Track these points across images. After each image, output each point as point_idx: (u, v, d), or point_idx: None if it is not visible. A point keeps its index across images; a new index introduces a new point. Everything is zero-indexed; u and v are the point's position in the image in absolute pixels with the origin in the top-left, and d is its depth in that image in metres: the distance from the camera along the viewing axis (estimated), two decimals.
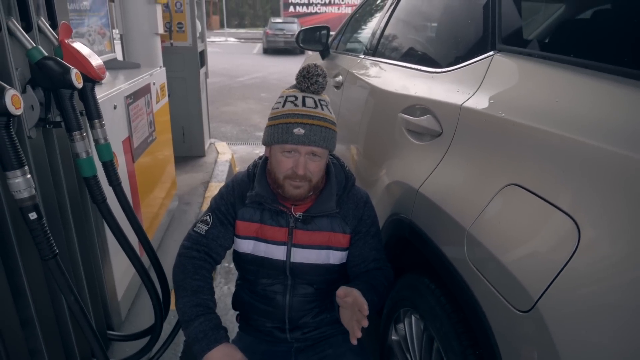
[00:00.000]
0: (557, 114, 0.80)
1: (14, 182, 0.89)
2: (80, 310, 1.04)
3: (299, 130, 1.13)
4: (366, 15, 2.57)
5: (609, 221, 0.65)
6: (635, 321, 0.60)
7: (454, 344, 1.01)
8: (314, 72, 1.16)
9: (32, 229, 0.93)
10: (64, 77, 1.08)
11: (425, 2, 1.74)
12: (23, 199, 0.91)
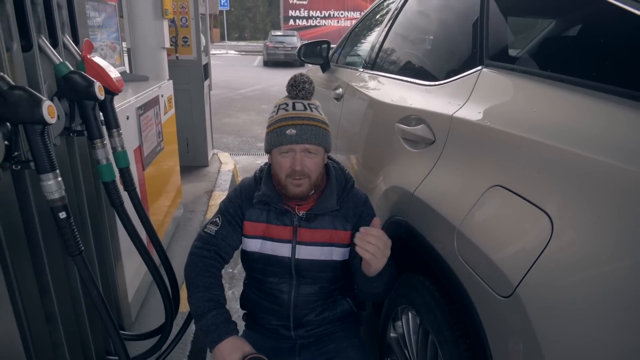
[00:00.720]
0: (534, 122, 0.90)
1: (46, 184, 0.98)
2: (102, 304, 1.13)
3: (291, 131, 1.23)
4: (365, 30, 2.69)
5: (577, 215, 0.75)
6: (603, 304, 0.69)
7: (446, 334, 1.10)
8: (300, 80, 1.29)
9: (61, 227, 1.03)
10: (89, 89, 1.18)
11: (420, 20, 1.86)
12: (54, 199, 1.00)
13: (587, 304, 0.70)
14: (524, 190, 0.86)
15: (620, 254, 0.68)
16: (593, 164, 0.75)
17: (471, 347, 1.04)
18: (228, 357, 1.19)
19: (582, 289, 0.71)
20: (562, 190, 0.78)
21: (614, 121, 0.77)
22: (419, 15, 1.89)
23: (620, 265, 0.68)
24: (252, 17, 36.44)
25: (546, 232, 0.77)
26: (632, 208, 0.67)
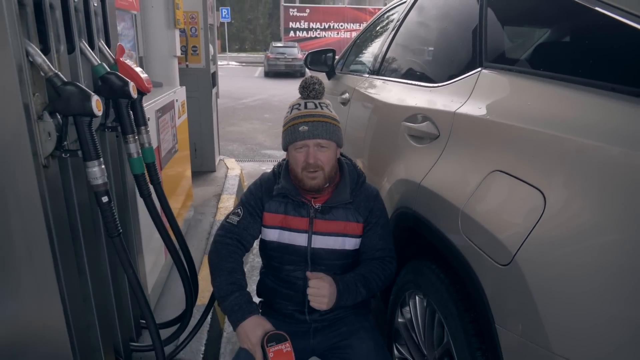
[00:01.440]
0: (528, 114, 1.02)
1: (91, 171, 1.09)
2: (136, 282, 1.23)
3: (304, 127, 1.35)
4: (369, 39, 2.83)
5: (567, 192, 0.86)
6: (592, 268, 0.79)
7: (452, 310, 1.20)
8: (310, 82, 1.42)
9: (103, 210, 1.13)
10: (124, 89, 1.30)
11: (422, 28, 1.99)
12: (98, 184, 1.11)
13: (577, 268, 0.81)
14: (520, 172, 0.97)
15: (604, 223, 0.79)
16: (579, 146, 0.86)
17: (475, 319, 1.14)
18: (251, 334, 1.29)
19: (573, 255, 0.82)
20: (553, 170, 0.90)
21: (596, 109, 0.88)
22: (422, 24, 2.02)
23: (605, 234, 0.78)
24: (253, 29, 36.87)
25: (540, 206, 0.88)
26: (613, 183, 0.79)
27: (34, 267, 1.08)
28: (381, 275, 1.46)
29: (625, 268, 0.74)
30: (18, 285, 1.08)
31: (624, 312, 0.73)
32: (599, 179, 0.81)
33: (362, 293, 1.41)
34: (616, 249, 0.76)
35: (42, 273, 1.09)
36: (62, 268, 1.13)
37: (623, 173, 0.77)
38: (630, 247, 0.74)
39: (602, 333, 0.75)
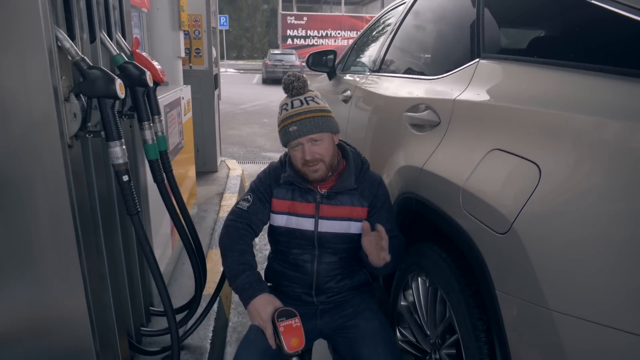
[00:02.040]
0: (524, 96, 1.09)
1: (113, 150, 1.16)
2: (153, 259, 1.29)
3: (293, 128, 1.41)
4: (368, 41, 2.91)
5: (559, 164, 0.93)
6: (582, 231, 0.86)
7: (454, 286, 1.27)
8: (288, 81, 1.46)
9: (123, 188, 1.20)
10: (141, 77, 1.37)
11: (422, 26, 2.07)
12: (119, 164, 1.18)
13: (571, 232, 0.88)
14: (517, 149, 1.04)
15: (594, 189, 0.86)
16: (570, 120, 0.93)
17: (476, 292, 1.20)
18: (262, 310, 1.35)
19: (567, 220, 0.89)
20: (547, 144, 0.97)
21: (582, 87, 0.96)
22: (421, 23, 2.11)
23: (595, 198, 0.86)
24: (250, 37, 37.11)
25: (535, 178, 0.95)
26: (601, 152, 0.86)
27: (57, 244, 1.14)
28: (399, 247, 1.51)
29: (614, 228, 0.81)
30: (43, 262, 1.13)
31: (613, 267, 0.80)
32: (589, 149, 0.88)
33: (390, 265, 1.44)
34: (605, 212, 0.83)
35: (65, 250, 1.15)
36: (83, 246, 1.19)
37: (610, 143, 0.85)
38: (618, 209, 0.81)
39: (593, 287, 0.82)
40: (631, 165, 0.79)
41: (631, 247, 0.77)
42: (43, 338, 1.20)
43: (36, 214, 1.10)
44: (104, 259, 1.38)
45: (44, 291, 1.16)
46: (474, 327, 1.17)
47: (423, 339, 1.58)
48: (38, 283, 1.15)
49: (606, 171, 0.84)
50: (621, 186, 0.81)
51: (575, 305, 0.83)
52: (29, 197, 1.08)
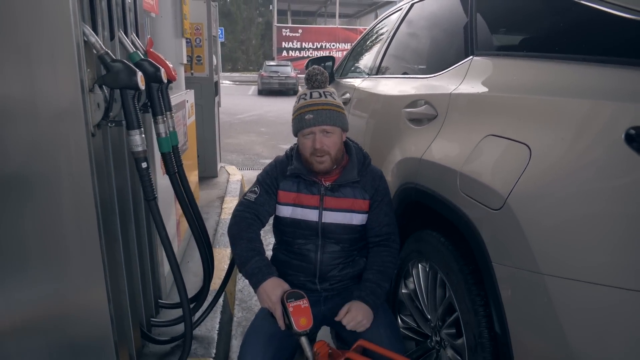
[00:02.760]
0: (515, 85, 1.19)
1: (133, 138, 1.24)
2: (168, 244, 1.37)
3: (309, 116, 1.49)
4: (365, 47, 3.03)
5: (547, 144, 1.02)
6: (570, 201, 0.95)
7: (453, 266, 1.35)
8: (312, 73, 1.56)
9: (142, 175, 1.27)
10: (156, 74, 1.45)
11: (417, 30, 2.18)
12: (138, 151, 1.25)
13: (560, 202, 0.96)
14: (509, 133, 1.14)
15: (580, 164, 0.95)
16: (556, 103, 1.03)
17: (473, 271, 1.28)
18: (271, 293, 1.42)
19: (557, 192, 0.97)
20: (535, 126, 1.07)
21: (567, 75, 1.06)
22: (416, 27, 2.22)
23: (580, 171, 0.94)
24: (245, 49, 37.45)
25: (526, 157, 1.04)
26: (585, 131, 0.95)
27: (80, 229, 1.20)
28: (392, 260, 1.58)
29: (597, 196, 0.90)
30: (66, 251, 1.19)
31: (596, 230, 0.89)
32: (574, 128, 0.97)
33: (385, 287, 1.54)
34: (589, 183, 0.92)
35: (88, 233, 1.21)
36: (103, 233, 1.25)
37: (592, 122, 0.94)
38: (600, 180, 0.90)
39: (580, 249, 0.91)
40: (609, 140, 0.88)
41: (612, 210, 0.86)
42: (65, 328, 1.26)
43: (61, 202, 1.17)
44: (119, 246, 1.44)
45: (67, 279, 1.22)
46: (473, 303, 1.24)
47: (424, 323, 1.65)
48: (62, 271, 1.21)
49: (589, 146, 0.93)
50: (603, 159, 0.90)
51: (563, 267, 0.92)
52: (56, 185, 1.15)
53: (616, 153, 0.86)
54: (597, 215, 0.89)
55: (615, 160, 0.86)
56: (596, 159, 0.91)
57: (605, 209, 0.88)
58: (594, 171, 0.91)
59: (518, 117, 1.13)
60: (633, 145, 0.83)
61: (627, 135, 0.84)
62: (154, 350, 1.79)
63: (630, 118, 0.85)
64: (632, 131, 0.84)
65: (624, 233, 0.85)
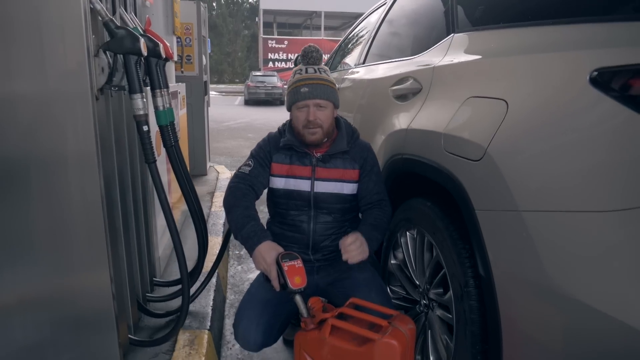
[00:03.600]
0: (492, 51, 1.30)
1: (135, 101, 1.30)
2: (168, 208, 1.42)
3: (305, 89, 1.58)
4: (352, 42, 3.14)
5: (522, 97, 1.12)
6: (544, 144, 1.04)
7: (439, 225, 1.42)
8: (308, 50, 1.65)
9: (142, 137, 1.34)
10: (155, 49, 1.52)
11: (402, 20, 2.30)
12: (140, 115, 1.32)
13: (536, 146, 1.05)
14: (489, 92, 1.23)
15: (552, 108, 1.04)
16: (528, 61, 1.13)
17: (458, 227, 1.37)
18: (266, 255, 1.48)
19: (533, 137, 1.06)
20: (512, 83, 1.17)
21: (535, 36, 1.18)
22: (401, 16, 2.33)
23: (553, 117, 1.04)
24: (231, 61, 37.62)
25: (503, 110, 1.14)
26: (555, 83, 1.05)
27: (84, 190, 1.25)
28: (384, 217, 1.66)
29: (568, 136, 1.00)
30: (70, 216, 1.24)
31: (570, 164, 0.98)
32: (545, 79, 1.08)
33: (378, 237, 1.61)
34: (561, 123, 1.01)
35: (91, 190, 1.26)
36: (104, 189, 1.30)
37: (559, 72, 1.05)
38: (571, 119, 1.00)
39: (555, 184, 1.00)
40: (576, 85, 0.98)
41: (583, 143, 0.96)
42: (68, 303, 1.31)
43: (65, 160, 1.22)
44: (118, 213, 1.49)
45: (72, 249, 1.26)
46: (458, 255, 1.32)
47: (413, 289, 1.72)
48: (67, 243, 1.25)
49: (559, 93, 1.03)
50: (572, 101, 1.00)
51: (539, 201, 1.01)
52: (61, 140, 1.20)
53: (583, 94, 0.96)
54: (569, 150, 0.98)
55: (583, 101, 0.96)
56: (566, 102, 1.01)
57: (576, 143, 0.97)
58: (565, 112, 1.00)
59: (496, 77, 1.23)
60: (597, 85, 0.93)
61: (590, 78, 0.94)
62: (149, 323, 1.82)
63: (592, 63, 0.95)
64: (595, 73, 0.93)
65: (592, 164, 0.94)
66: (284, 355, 1.95)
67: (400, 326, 1.27)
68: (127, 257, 1.57)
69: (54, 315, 1.31)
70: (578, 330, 0.94)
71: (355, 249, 1.51)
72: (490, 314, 1.17)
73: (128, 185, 1.63)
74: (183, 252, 1.52)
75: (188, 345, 1.69)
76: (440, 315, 1.51)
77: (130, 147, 1.70)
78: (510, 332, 1.10)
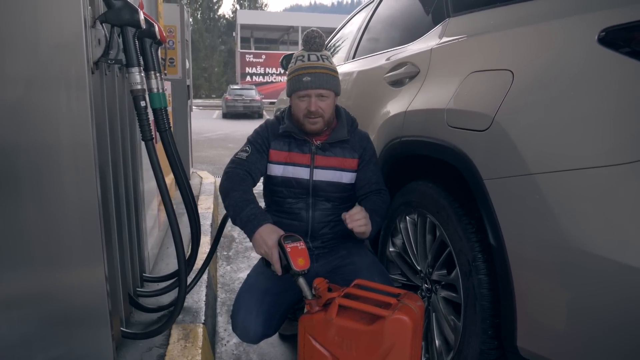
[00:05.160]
0: (492, 27, 1.32)
1: (133, 75, 1.25)
2: (164, 188, 1.36)
3: (307, 78, 1.54)
4: (339, 42, 3.17)
5: (528, 65, 1.13)
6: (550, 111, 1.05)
7: (443, 203, 1.42)
8: (312, 35, 1.61)
9: (140, 114, 1.29)
10: (150, 29, 1.48)
11: (394, 11, 2.33)
12: (137, 89, 1.27)
13: (543, 113, 1.06)
14: (492, 65, 1.24)
15: (561, 70, 1.05)
16: (534, 30, 1.15)
17: (463, 203, 1.36)
18: (267, 238, 1.43)
19: (541, 101, 1.07)
20: (517, 54, 1.18)
21: (539, 7, 1.20)
22: (393, 8, 2.36)
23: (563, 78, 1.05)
24: (208, 77, 37.50)
25: (509, 80, 1.15)
26: (560, 44, 1.07)
27: (77, 164, 1.19)
28: (383, 204, 1.64)
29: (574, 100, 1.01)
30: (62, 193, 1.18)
31: (582, 123, 0.99)
32: (553, 45, 1.09)
33: (377, 221, 1.57)
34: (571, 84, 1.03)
35: (84, 168, 1.20)
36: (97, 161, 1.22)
37: (566, 35, 1.06)
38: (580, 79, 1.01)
39: (564, 143, 1.00)
40: (585, 46, 1.00)
41: (592, 103, 0.97)
42: (60, 299, 1.24)
43: (58, 134, 1.16)
44: (110, 197, 1.42)
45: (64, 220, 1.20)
46: (464, 231, 1.31)
47: (413, 275, 1.70)
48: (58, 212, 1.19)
49: (568, 54, 1.05)
50: (581, 62, 1.01)
51: (551, 162, 1.01)
52: (55, 111, 1.14)
53: (592, 54, 0.97)
54: (579, 109, 0.99)
55: (593, 60, 0.98)
56: (574, 64, 1.02)
57: (586, 102, 0.98)
58: (573, 74, 1.02)
59: (499, 50, 1.25)
60: (606, 44, 0.94)
61: (599, 38, 0.96)
62: (140, 319, 1.74)
63: (598, 24, 0.97)
64: (603, 33, 0.95)
65: (604, 119, 0.95)
66: (280, 350, 1.89)
67: (409, 303, 1.25)
68: (119, 250, 1.51)
69: (45, 310, 1.24)
70: (598, 285, 0.93)
71: (361, 218, 1.46)
72: (502, 285, 1.16)
73: (120, 175, 1.57)
74: (180, 236, 1.46)
75: (183, 339, 1.61)
76: (446, 296, 1.48)
77: (123, 135, 1.64)
78: (524, 300, 1.09)
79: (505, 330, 1.16)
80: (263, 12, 35.52)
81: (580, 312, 0.98)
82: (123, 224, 1.60)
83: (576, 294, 0.98)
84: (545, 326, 1.05)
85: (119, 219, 1.53)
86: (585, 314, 0.97)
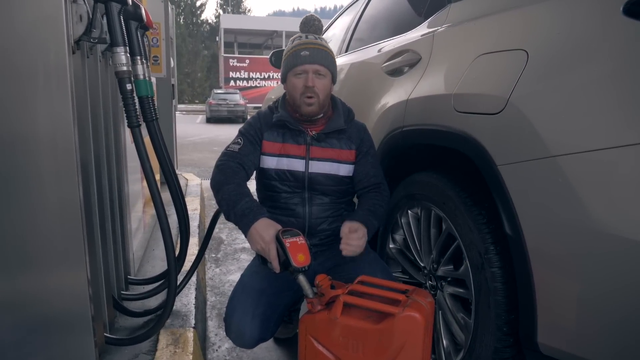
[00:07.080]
0: (498, 8, 1.26)
1: (117, 55, 1.15)
2: (152, 177, 1.26)
3: (305, 52, 1.48)
4: (332, 33, 3.09)
5: (541, 50, 1.07)
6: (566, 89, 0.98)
7: (450, 194, 1.34)
8: (310, 19, 1.57)
9: (125, 98, 1.18)
10: (136, 10, 1.37)
11: (390, 2, 2.27)
12: (122, 71, 1.17)
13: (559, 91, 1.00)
14: (504, 46, 1.18)
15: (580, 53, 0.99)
16: (550, 7, 1.09)
17: (471, 193, 1.29)
18: (264, 233, 1.33)
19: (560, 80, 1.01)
20: (532, 32, 1.12)
21: None
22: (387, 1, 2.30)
23: (576, 62, 0.99)
24: (191, 82, 37.11)
25: (524, 59, 1.08)
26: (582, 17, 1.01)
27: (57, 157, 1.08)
28: (382, 203, 1.55)
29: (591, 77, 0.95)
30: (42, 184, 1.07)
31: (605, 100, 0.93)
32: (573, 25, 1.03)
33: (374, 225, 1.49)
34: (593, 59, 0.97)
35: (65, 159, 1.09)
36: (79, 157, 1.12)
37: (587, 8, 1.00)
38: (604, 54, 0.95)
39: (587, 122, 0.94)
40: (610, 19, 0.94)
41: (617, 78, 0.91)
42: (40, 304, 1.14)
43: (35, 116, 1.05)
44: (93, 190, 1.31)
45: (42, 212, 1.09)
46: (475, 222, 1.24)
47: (416, 272, 1.62)
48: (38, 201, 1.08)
49: (589, 29, 0.98)
50: (603, 37, 0.95)
51: (575, 143, 0.94)
52: (32, 94, 1.03)
53: (618, 26, 0.91)
54: (603, 85, 0.93)
55: (618, 33, 0.91)
56: (597, 38, 0.96)
57: (611, 77, 0.92)
58: (596, 48, 0.95)
59: (512, 30, 1.18)
60: (633, 15, 0.88)
61: (624, 9, 0.90)
62: (125, 324, 1.62)
63: None
64: (630, 3, 0.89)
65: (632, 95, 0.89)
66: (276, 354, 1.78)
67: (419, 299, 1.16)
68: (103, 250, 1.40)
69: (21, 316, 1.13)
70: (632, 274, 0.86)
71: (356, 240, 1.39)
72: (519, 278, 1.09)
73: (103, 171, 1.46)
74: (170, 232, 1.36)
75: (172, 344, 1.50)
76: (453, 293, 1.41)
77: (106, 126, 1.53)
78: (545, 293, 1.02)
79: (524, 326, 1.09)
80: (246, 17, 35.41)
81: (610, 304, 0.91)
82: (107, 223, 1.49)
83: (605, 284, 0.91)
84: (569, 320, 0.98)
85: (102, 218, 1.42)
86: (616, 307, 0.90)
